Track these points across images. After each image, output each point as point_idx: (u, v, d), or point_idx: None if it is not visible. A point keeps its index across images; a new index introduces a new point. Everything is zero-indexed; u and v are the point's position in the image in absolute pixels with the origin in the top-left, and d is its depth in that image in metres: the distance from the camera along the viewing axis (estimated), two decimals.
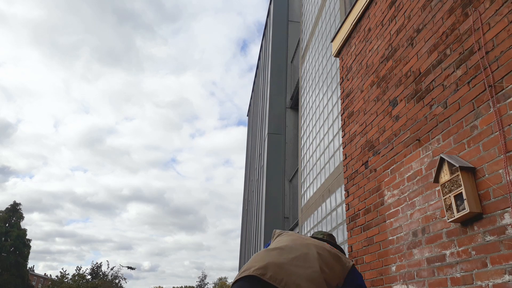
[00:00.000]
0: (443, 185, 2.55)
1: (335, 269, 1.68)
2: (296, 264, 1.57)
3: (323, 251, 1.71)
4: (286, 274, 1.51)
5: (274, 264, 1.54)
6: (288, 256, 1.60)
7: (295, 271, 1.53)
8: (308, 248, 1.69)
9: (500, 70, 2.31)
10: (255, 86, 22.07)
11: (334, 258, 1.71)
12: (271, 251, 1.65)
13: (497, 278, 2.15)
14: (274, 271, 1.51)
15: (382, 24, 3.96)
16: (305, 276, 1.53)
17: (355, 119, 4.32)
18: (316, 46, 8.71)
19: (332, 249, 1.78)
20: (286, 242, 1.74)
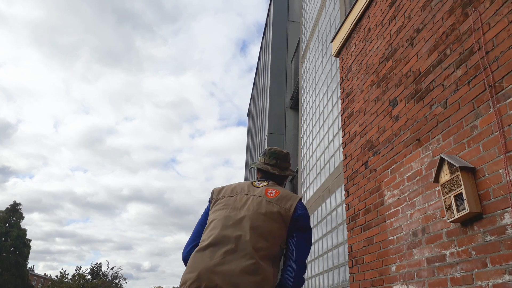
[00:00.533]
0: (443, 185, 2.55)
1: (277, 221, 1.77)
2: (229, 260, 1.61)
3: (257, 218, 1.76)
4: (219, 277, 1.56)
5: (206, 270, 1.58)
6: (220, 252, 1.64)
7: (229, 269, 1.58)
8: (241, 227, 1.72)
9: (500, 70, 2.31)
10: (255, 86, 22.07)
11: (273, 216, 1.78)
12: (203, 251, 1.68)
13: (497, 278, 2.15)
14: (208, 279, 1.56)
15: (382, 24, 3.96)
16: (239, 269, 1.58)
17: (355, 119, 4.31)
18: (316, 46, 8.71)
19: (271, 200, 1.85)
20: (218, 227, 1.76)
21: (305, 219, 1.86)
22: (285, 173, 2.12)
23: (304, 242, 1.83)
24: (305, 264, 1.83)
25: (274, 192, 1.91)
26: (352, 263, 3.92)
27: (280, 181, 2.13)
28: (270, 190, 1.93)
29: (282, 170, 2.11)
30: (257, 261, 1.62)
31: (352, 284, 3.87)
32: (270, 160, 2.12)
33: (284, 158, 2.15)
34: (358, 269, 3.78)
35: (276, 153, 2.14)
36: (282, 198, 1.88)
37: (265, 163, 2.13)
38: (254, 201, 1.86)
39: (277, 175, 2.09)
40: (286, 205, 1.85)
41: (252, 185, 1.99)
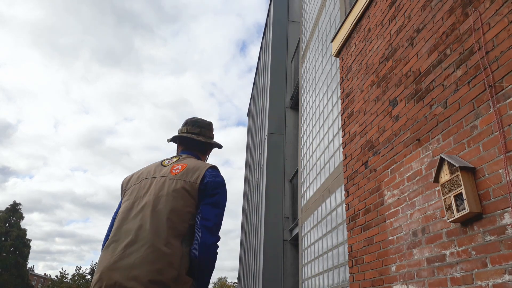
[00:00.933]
0: (443, 185, 2.55)
1: (182, 198, 1.67)
2: (129, 253, 1.55)
3: (159, 201, 1.66)
4: (118, 273, 1.50)
5: (107, 269, 1.53)
6: (120, 247, 1.58)
7: (128, 263, 1.52)
8: (142, 216, 1.64)
9: (500, 70, 2.31)
10: (255, 86, 22.08)
11: (177, 193, 1.68)
12: (106, 249, 1.62)
13: (497, 278, 2.15)
14: (107, 277, 1.51)
15: (382, 24, 3.96)
16: (139, 261, 1.51)
17: (355, 119, 4.32)
18: (316, 46, 8.71)
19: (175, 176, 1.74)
20: (120, 221, 1.69)
21: (214, 185, 1.73)
22: (210, 140, 2.02)
23: (209, 208, 1.69)
24: (213, 230, 1.65)
25: (181, 167, 1.80)
26: (352, 263, 3.92)
27: (204, 151, 2.04)
28: (176, 166, 1.81)
29: (207, 138, 2.02)
30: (158, 248, 1.53)
31: (352, 284, 3.87)
32: (194, 128, 2.01)
33: (208, 127, 2.06)
34: (358, 269, 3.78)
35: (199, 121, 2.04)
36: (188, 171, 1.76)
37: (189, 132, 2.00)
38: (158, 183, 1.75)
39: (203, 142, 1.99)
40: (192, 177, 1.73)
41: (162, 165, 1.88)
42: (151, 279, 1.47)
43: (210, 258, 1.62)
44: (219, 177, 1.79)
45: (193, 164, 1.82)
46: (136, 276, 1.48)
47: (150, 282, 1.47)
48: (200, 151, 2.03)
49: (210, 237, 1.62)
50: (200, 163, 1.84)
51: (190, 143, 2.01)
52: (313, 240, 7.16)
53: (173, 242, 1.56)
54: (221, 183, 1.77)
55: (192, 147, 2.00)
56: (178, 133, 2.02)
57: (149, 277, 1.48)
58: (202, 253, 1.59)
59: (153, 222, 1.60)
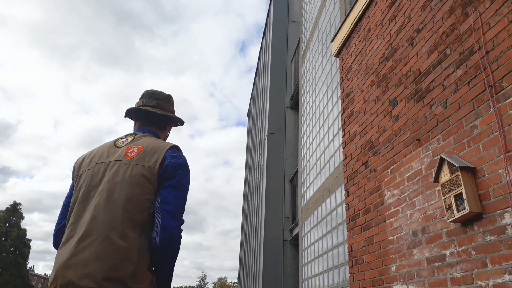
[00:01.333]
0: (443, 185, 2.55)
1: (139, 185, 1.51)
2: (82, 248, 1.42)
3: (113, 190, 1.51)
4: (72, 271, 1.38)
5: (61, 267, 1.41)
6: (73, 243, 1.45)
7: (81, 259, 1.39)
8: (96, 207, 1.49)
9: (500, 70, 2.31)
10: (255, 86, 22.07)
11: (133, 180, 1.52)
12: (62, 246, 1.49)
13: (497, 278, 2.15)
14: (62, 276, 1.39)
15: (382, 24, 3.96)
16: (93, 256, 1.39)
17: (355, 119, 4.31)
18: (316, 46, 8.71)
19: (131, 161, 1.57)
20: (73, 213, 1.55)
21: (174, 167, 1.57)
22: (168, 114, 1.83)
23: (168, 190, 1.53)
24: (174, 213, 1.50)
25: (136, 149, 1.62)
26: (352, 263, 3.92)
27: (162, 126, 1.86)
28: (131, 148, 1.63)
29: (164, 111, 1.83)
30: (113, 241, 1.40)
31: (352, 284, 3.87)
32: (150, 101, 1.83)
33: (167, 99, 1.88)
34: (358, 269, 3.77)
35: (156, 93, 1.86)
36: (146, 154, 1.59)
37: (144, 104, 1.82)
38: (112, 168, 1.58)
39: (159, 116, 1.80)
40: (151, 161, 1.56)
41: (115, 145, 1.69)
42: (106, 276, 1.35)
43: (172, 242, 1.47)
44: (180, 158, 1.62)
45: (151, 144, 1.64)
46: (89, 273, 1.35)
47: (104, 279, 1.34)
48: (158, 126, 1.84)
49: (171, 220, 1.48)
50: (159, 144, 1.66)
51: (146, 118, 1.82)
52: (313, 240, 7.16)
53: (129, 234, 1.43)
54: (182, 164, 1.61)
55: (148, 122, 1.82)
56: (135, 107, 1.85)
57: (104, 273, 1.35)
58: (163, 237, 1.45)
59: (107, 212, 1.46)
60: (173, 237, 1.48)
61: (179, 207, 1.53)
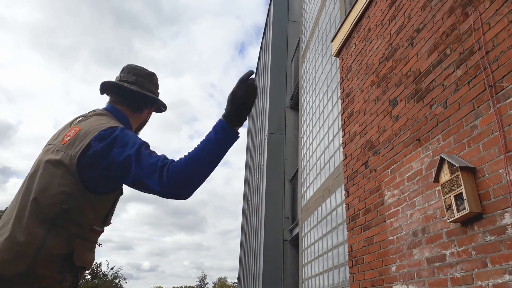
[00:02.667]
0: (443, 185, 2.55)
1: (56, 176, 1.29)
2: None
3: (33, 178, 1.33)
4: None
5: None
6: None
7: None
8: (18, 195, 1.33)
9: (500, 70, 2.31)
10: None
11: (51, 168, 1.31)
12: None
13: (497, 278, 2.15)
14: None
15: (382, 24, 3.96)
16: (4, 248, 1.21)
17: (355, 119, 4.31)
18: (316, 46, 8.71)
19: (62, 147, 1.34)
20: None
21: (103, 149, 1.30)
22: (147, 93, 1.58)
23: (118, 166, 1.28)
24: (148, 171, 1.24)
25: (73, 132, 1.38)
26: (352, 263, 3.92)
27: (137, 106, 1.59)
28: (71, 131, 1.39)
29: (143, 89, 1.58)
30: (12, 234, 1.22)
31: (352, 284, 3.87)
32: (129, 76, 1.59)
33: (148, 77, 1.63)
34: (358, 269, 3.77)
35: (138, 68, 1.62)
36: (76, 139, 1.34)
37: (122, 79, 1.58)
38: (45, 153, 1.39)
39: (135, 93, 1.55)
40: (76, 148, 1.32)
41: (70, 125, 1.47)
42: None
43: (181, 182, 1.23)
44: (108, 135, 1.33)
45: (88, 126, 1.38)
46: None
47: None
48: (131, 106, 1.58)
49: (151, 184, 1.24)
50: (95, 126, 1.37)
51: (120, 94, 1.57)
52: (313, 240, 7.16)
53: (36, 227, 1.24)
54: (113, 138, 1.32)
55: (121, 100, 1.56)
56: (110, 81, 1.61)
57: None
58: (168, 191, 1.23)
59: (21, 203, 1.29)
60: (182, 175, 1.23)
61: (143, 165, 1.26)
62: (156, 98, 1.63)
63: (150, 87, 1.63)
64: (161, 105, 1.69)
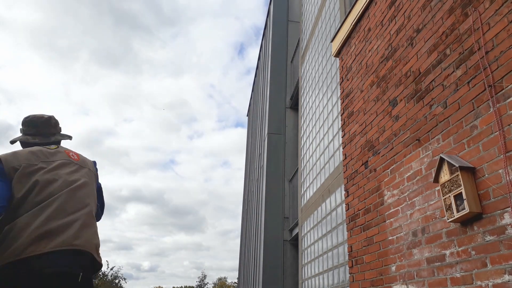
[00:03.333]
0: (443, 185, 2.55)
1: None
2: None
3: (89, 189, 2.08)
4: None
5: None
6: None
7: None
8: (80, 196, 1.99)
9: (500, 70, 2.31)
10: (255, 86, 22.07)
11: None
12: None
13: (497, 278, 2.15)
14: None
15: (382, 24, 3.96)
16: None
17: (355, 119, 4.32)
18: (316, 46, 8.71)
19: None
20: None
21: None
22: (49, 139, 1.94)
23: None
24: None
25: (74, 153, 2.03)
26: (352, 263, 3.92)
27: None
28: (70, 152, 2.00)
29: (45, 138, 1.91)
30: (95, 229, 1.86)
31: (352, 284, 3.87)
32: (29, 129, 1.91)
33: (45, 124, 1.94)
34: (358, 269, 3.78)
35: (34, 120, 1.91)
36: (83, 161, 2.03)
37: (25, 133, 1.92)
38: (80, 169, 2.00)
39: (39, 144, 1.89)
40: (91, 167, 2.07)
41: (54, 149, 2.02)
42: None
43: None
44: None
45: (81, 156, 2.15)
46: None
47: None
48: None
49: None
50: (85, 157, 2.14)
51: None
52: (313, 240, 7.16)
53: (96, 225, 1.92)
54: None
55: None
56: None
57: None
58: None
59: (87, 204, 1.92)
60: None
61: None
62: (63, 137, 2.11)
63: (52, 130, 2.01)
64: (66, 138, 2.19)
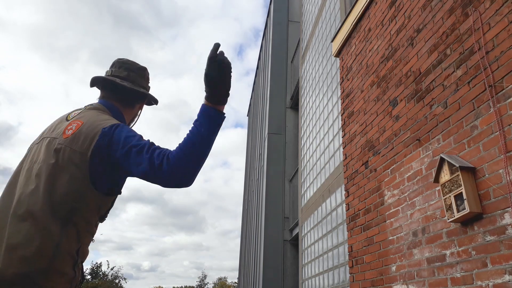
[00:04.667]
0: (443, 185, 2.55)
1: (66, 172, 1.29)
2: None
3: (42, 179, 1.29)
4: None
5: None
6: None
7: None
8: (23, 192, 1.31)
9: (500, 70, 2.31)
10: (255, 86, 22.07)
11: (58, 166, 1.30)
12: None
13: (497, 278, 2.15)
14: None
15: (382, 24, 3.96)
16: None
17: (355, 119, 4.31)
18: (316, 46, 8.71)
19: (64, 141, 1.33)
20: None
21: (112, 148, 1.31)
22: (139, 89, 1.58)
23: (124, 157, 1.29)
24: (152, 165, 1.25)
25: (75, 126, 1.37)
26: (352, 263, 3.92)
27: (129, 102, 1.60)
28: (72, 124, 1.38)
29: (135, 85, 1.58)
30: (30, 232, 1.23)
31: (352, 284, 3.87)
32: (121, 71, 1.58)
33: (140, 72, 1.63)
34: (358, 269, 3.78)
35: (129, 63, 1.61)
36: (80, 134, 1.33)
37: (113, 74, 1.57)
38: (43, 147, 1.37)
39: (127, 89, 1.55)
40: (84, 144, 1.31)
41: (66, 119, 1.45)
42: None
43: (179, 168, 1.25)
44: (112, 128, 1.35)
45: (90, 121, 1.37)
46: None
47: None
48: (123, 101, 1.58)
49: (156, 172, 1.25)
50: (101, 120, 1.38)
51: (112, 90, 1.56)
52: (313, 240, 7.16)
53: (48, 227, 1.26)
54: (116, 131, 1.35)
55: (113, 95, 1.56)
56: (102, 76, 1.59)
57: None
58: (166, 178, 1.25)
59: (32, 201, 1.28)
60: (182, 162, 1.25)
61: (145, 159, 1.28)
62: (148, 93, 1.64)
63: (142, 82, 1.63)
64: (152, 100, 1.69)
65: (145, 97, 1.65)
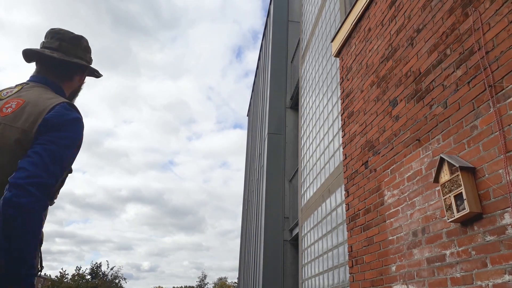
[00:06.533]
0: (443, 185, 2.55)
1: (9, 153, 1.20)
2: None
3: None
4: None
5: None
6: None
7: None
8: None
9: (500, 70, 2.31)
10: (255, 86, 22.07)
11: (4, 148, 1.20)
12: None
13: (497, 278, 2.15)
14: None
15: (382, 24, 3.96)
16: None
17: (355, 119, 4.32)
18: (316, 46, 8.71)
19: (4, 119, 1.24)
20: None
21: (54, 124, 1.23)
22: (73, 59, 1.44)
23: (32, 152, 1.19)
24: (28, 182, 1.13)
25: (15, 104, 1.27)
26: (352, 263, 3.92)
27: (66, 75, 1.47)
28: (10, 103, 1.28)
29: (67, 56, 1.44)
30: None
31: (352, 284, 3.87)
32: (52, 41, 1.44)
33: (73, 41, 1.48)
34: (358, 269, 3.78)
35: (61, 32, 1.47)
36: (23, 112, 1.25)
37: (44, 46, 1.45)
38: None
39: (56, 60, 1.42)
40: (27, 122, 1.22)
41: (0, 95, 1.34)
42: None
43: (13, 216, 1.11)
44: (68, 114, 1.28)
45: (34, 99, 1.29)
46: None
47: None
48: (58, 76, 1.45)
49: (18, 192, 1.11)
50: (45, 99, 1.29)
51: (45, 63, 1.44)
52: (313, 240, 7.16)
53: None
54: (70, 120, 1.28)
55: (47, 69, 1.44)
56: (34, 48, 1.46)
57: None
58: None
59: None
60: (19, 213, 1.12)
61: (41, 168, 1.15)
62: (84, 63, 1.50)
63: (78, 52, 1.49)
64: (94, 71, 1.57)
65: (84, 68, 1.53)
